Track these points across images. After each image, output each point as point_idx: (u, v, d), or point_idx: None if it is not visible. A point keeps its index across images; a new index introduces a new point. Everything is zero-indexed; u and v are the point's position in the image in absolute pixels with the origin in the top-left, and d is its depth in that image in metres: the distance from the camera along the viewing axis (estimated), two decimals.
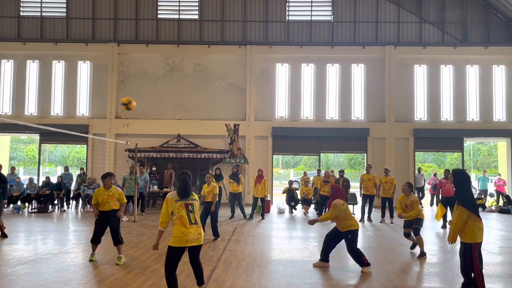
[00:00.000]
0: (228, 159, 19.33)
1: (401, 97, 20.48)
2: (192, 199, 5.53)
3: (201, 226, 5.58)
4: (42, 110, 20.79)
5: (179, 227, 5.33)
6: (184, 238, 5.32)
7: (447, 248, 10.23)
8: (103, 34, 21.10)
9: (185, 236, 5.31)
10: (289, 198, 16.91)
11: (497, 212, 18.04)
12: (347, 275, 7.37)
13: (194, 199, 5.56)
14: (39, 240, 10.23)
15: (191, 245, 5.38)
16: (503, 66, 20.69)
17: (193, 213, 5.42)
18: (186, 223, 5.33)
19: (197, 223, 5.42)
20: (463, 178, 6.18)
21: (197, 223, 5.42)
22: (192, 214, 5.41)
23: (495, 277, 7.34)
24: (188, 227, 5.33)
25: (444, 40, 20.75)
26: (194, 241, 5.37)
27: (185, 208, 5.40)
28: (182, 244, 5.33)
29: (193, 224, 5.37)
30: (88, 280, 6.75)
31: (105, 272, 7.18)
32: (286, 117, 20.64)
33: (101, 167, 19.31)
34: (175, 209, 5.40)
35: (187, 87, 20.74)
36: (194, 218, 5.40)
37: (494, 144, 37.18)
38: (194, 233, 5.35)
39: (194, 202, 5.52)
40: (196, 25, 21.06)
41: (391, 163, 19.60)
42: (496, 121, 20.50)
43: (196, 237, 5.38)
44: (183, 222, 5.33)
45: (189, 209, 5.40)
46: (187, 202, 5.45)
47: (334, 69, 20.91)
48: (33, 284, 6.44)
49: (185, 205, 5.42)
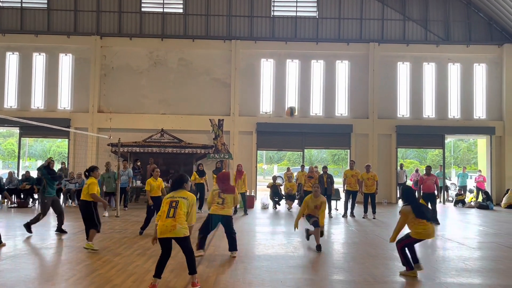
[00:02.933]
0: (212, 155, 19.24)
1: (384, 94, 20.69)
2: (180, 196, 5.95)
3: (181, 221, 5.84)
4: (22, 103, 20.38)
5: (159, 220, 5.87)
6: (158, 230, 5.82)
7: (427, 243, 10.40)
8: (85, 26, 20.75)
9: (159, 228, 5.81)
10: (273, 193, 16.96)
11: (476, 208, 18.41)
12: (331, 270, 7.43)
13: (182, 197, 5.95)
14: (19, 236, 10.05)
15: (166, 237, 5.79)
16: (484, 65, 21.05)
17: (174, 209, 5.82)
18: (163, 216, 5.82)
19: (174, 217, 5.79)
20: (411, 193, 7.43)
21: (174, 217, 5.79)
22: (173, 209, 5.82)
23: (474, 272, 7.49)
24: (163, 221, 5.80)
25: (427, 38, 21.00)
26: (168, 232, 5.76)
27: (169, 204, 5.87)
28: (160, 235, 5.81)
29: (169, 217, 5.78)
30: (70, 276, 6.66)
31: (88, 267, 7.10)
32: (271, 113, 20.66)
33: (83, 161, 19.04)
34: (163, 205, 5.93)
35: (171, 82, 20.57)
36: (173, 212, 5.80)
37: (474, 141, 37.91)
38: (167, 226, 5.76)
39: (181, 199, 5.91)
40: (180, 19, 20.87)
41: (374, 159, 19.81)
42: (476, 119, 20.87)
43: (169, 229, 5.76)
44: (162, 217, 5.84)
45: (172, 205, 5.84)
46: (173, 199, 5.90)
47: (319, 65, 20.98)
48: (14, 281, 6.33)
49: (170, 201, 5.89)
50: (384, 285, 6.50)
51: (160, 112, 20.39)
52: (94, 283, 6.26)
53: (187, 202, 5.93)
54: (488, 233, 11.90)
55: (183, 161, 19.09)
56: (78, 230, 10.75)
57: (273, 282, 6.53)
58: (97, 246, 8.96)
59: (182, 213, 5.85)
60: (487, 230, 12.35)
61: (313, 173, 14.89)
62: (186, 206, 5.91)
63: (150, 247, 8.78)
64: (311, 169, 15.22)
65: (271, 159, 51.14)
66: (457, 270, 7.55)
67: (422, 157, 47.12)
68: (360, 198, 14.91)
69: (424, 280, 6.83)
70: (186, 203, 5.91)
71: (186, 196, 5.98)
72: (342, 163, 43.94)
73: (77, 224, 11.65)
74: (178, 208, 5.82)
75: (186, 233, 5.87)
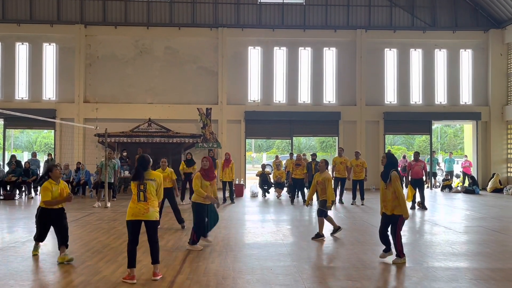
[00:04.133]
0: (200, 144, 19.18)
1: (372, 81, 20.72)
2: (147, 179, 6.08)
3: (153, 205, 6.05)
4: (6, 94, 20.00)
5: (130, 203, 6.07)
6: (130, 212, 6.01)
7: (416, 228, 10.54)
8: (68, 14, 20.34)
9: (131, 210, 6.01)
10: (262, 181, 16.99)
11: (462, 192, 18.66)
12: (320, 257, 7.49)
13: (150, 179, 6.09)
14: (6, 228, 9.95)
15: (138, 219, 5.97)
16: (470, 50, 21.17)
17: (143, 192, 6.00)
18: (135, 200, 6.01)
19: (146, 201, 5.99)
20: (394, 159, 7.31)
21: (146, 201, 5.99)
22: (142, 192, 6.00)
23: (461, 256, 7.60)
24: (136, 203, 5.99)
25: (413, 24, 21.01)
26: (141, 215, 5.96)
27: (137, 187, 6.03)
28: (130, 217, 6.00)
29: (141, 201, 5.98)
30: (58, 268, 6.61)
31: (77, 259, 7.04)
32: (259, 101, 20.59)
33: (70, 153, 18.85)
34: (133, 188, 6.09)
35: (158, 71, 20.34)
36: (143, 196, 5.99)
37: (460, 127, 38.31)
38: (140, 209, 5.97)
39: (148, 182, 6.06)
40: (166, 7, 20.58)
41: (362, 146, 19.91)
42: (462, 104, 21.05)
43: (142, 212, 5.96)
44: (133, 199, 6.04)
45: (140, 188, 6.02)
46: (140, 183, 6.06)
47: (306, 52, 20.91)
48: (1, 274, 6.26)
49: (137, 185, 6.04)
50: (373, 271, 6.57)
51: (147, 101, 20.19)
52: (83, 275, 6.23)
53: (155, 183, 6.12)
54: (474, 217, 12.08)
55: (171, 151, 18.98)
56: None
57: (263, 269, 6.56)
58: (85, 236, 8.90)
59: (153, 197, 6.07)
60: (473, 215, 12.54)
61: (300, 161, 14.92)
62: (155, 187, 6.11)
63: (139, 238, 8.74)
64: (299, 157, 15.25)
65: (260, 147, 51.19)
66: (444, 254, 7.65)
67: (410, 143, 47.57)
68: (348, 185, 15.00)
69: (412, 265, 6.91)
70: (154, 185, 6.11)
71: (154, 178, 6.14)
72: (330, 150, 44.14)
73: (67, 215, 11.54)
74: (147, 192, 6.01)
75: (157, 217, 6.16)
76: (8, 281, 5.98)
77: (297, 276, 6.24)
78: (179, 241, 8.46)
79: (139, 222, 6.00)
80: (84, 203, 14.25)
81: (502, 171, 20.41)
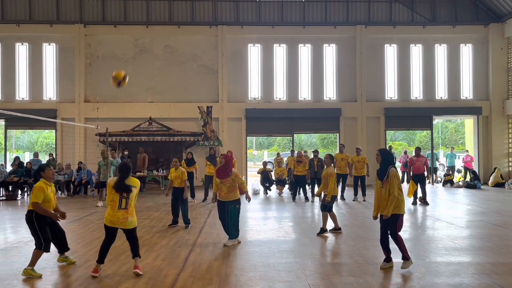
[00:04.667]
0: (201, 142, 19.20)
1: (372, 77, 20.70)
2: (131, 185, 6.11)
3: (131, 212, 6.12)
4: (6, 94, 20.02)
5: (109, 209, 6.08)
6: (109, 218, 6.06)
7: (417, 224, 10.54)
8: (68, 14, 20.33)
9: (110, 217, 6.06)
10: (263, 179, 17.00)
11: (464, 187, 18.66)
12: (322, 253, 7.50)
13: (133, 186, 6.12)
14: (9, 229, 9.98)
15: (118, 227, 6.11)
16: (470, 45, 21.12)
17: (126, 199, 6.04)
18: (115, 207, 6.03)
19: (126, 209, 6.04)
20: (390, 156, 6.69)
21: (126, 209, 6.04)
22: (125, 200, 6.04)
23: (463, 250, 7.61)
24: (115, 211, 6.02)
25: (413, 19, 20.97)
26: (119, 223, 6.06)
27: (120, 194, 6.06)
28: (109, 224, 6.08)
29: (122, 208, 6.03)
30: (61, 268, 6.63)
31: (79, 258, 7.06)
32: (259, 99, 20.58)
33: (71, 152, 18.89)
34: (110, 194, 6.11)
35: (158, 69, 20.34)
36: (125, 204, 6.04)
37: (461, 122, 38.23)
38: (119, 217, 6.03)
39: (132, 189, 6.10)
40: (165, 5, 20.55)
41: (363, 142, 19.90)
42: (463, 99, 21.02)
43: (121, 221, 6.05)
44: (113, 206, 6.05)
45: (122, 195, 6.05)
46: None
47: (306, 49, 20.89)
48: (5, 274, 6.29)
49: (121, 192, 6.07)
50: (375, 267, 6.57)
51: (147, 100, 20.20)
52: (86, 274, 6.24)
53: (136, 190, 6.18)
54: (476, 211, 12.08)
55: (172, 149, 19.01)
56: (70, 221, 10.68)
57: (265, 266, 6.57)
58: (88, 235, 8.92)
59: (133, 204, 6.15)
60: (475, 209, 12.54)
61: (301, 158, 14.93)
62: (135, 194, 6.18)
63: (142, 236, 8.76)
64: (300, 154, 15.26)
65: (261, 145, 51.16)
66: (447, 249, 7.66)
67: (411, 138, 47.49)
68: (350, 181, 15.01)
69: (414, 260, 6.91)
70: (136, 192, 6.18)
71: (135, 185, 6.19)
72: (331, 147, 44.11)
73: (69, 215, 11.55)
74: (129, 199, 6.07)
75: (136, 224, 6.26)
76: (12, 281, 6.01)
77: (299, 273, 6.25)
78: (181, 239, 8.48)
79: (116, 229, 6.17)
80: (86, 203, 14.28)
81: (504, 165, 20.39)
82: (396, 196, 6.27)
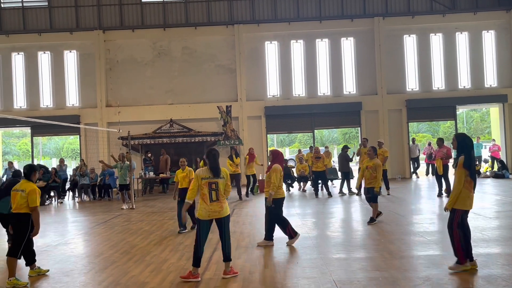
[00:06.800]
0: (222, 141, 19.28)
1: (392, 69, 20.39)
2: (219, 177, 5.99)
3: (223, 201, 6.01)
4: (31, 102, 20.53)
5: (201, 203, 5.95)
6: (203, 212, 5.92)
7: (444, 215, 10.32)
8: (87, 21, 20.71)
9: (205, 211, 5.92)
10: (285, 176, 16.92)
11: (492, 177, 18.21)
12: (347, 248, 7.42)
13: (221, 177, 6.00)
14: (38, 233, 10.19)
15: (212, 218, 5.97)
16: (493, 31, 20.58)
17: (215, 191, 5.93)
18: (207, 200, 5.91)
19: (218, 200, 5.93)
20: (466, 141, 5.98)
21: (218, 200, 5.93)
22: (214, 192, 5.93)
23: (492, 241, 7.42)
24: (209, 205, 5.91)
25: (432, 8, 20.56)
26: (216, 214, 5.94)
27: (208, 186, 5.94)
28: (205, 218, 5.93)
29: (213, 201, 5.92)
30: (89, 269, 6.76)
31: (106, 260, 7.18)
32: (278, 96, 20.53)
33: (95, 157, 19.19)
34: (200, 186, 5.99)
35: (176, 71, 20.51)
36: (216, 195, 5.93)
37: (487, 110, 37.31)
38: (215, 209, 5.92)
39: (219, 180, 5.97)
40: (181, 7, 20.70)
41: (385, 135, 19.62)
42: (487, 87, 20.50)
43: (218, 211, 5.93)
44: (205, 199, 5.93)
45: (212, 187, 5.93)
46: (211, 181, 5.95)
47: (324, 44, 20.71)
48: (34, 277, 6.44)
49: (209, 183, 5.95)
50: (401, 260, 6.47)
51: (167, 102, 20.39)
52: (112, 275, 6.34)
53: (223, 181, 6.03)
54: (505, 202, 11.77)
55: (194, 150, 19.14)
56: (96, 224, 10.89)
57: (289, 263, 6.55)
58: (114, 237, 9.05)
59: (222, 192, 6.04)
60: (504, 199, 12.22)
61: (319, 154, 14.89)
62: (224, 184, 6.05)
63: (166, 237, 8.87)
64: (317, 150, 15.18)
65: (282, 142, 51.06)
66: (475, 240, 7.44)
67: (435, 130, 46.61)
68: None
69: (441, 253, 6.79)
70: (222, 183, 6.02)
71: (223, 176, 6.03)
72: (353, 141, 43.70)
73: (94, 219, 11.81)
74: (218, 190, 5.99)
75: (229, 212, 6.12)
76: (42, 283, 6.15)
77: (324, 269, 6.20)
78: None
79: (211, 221, 6.02)
80: (111, 206, 14.52)
81: None
82: (459, 189, 5.71)
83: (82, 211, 13.86)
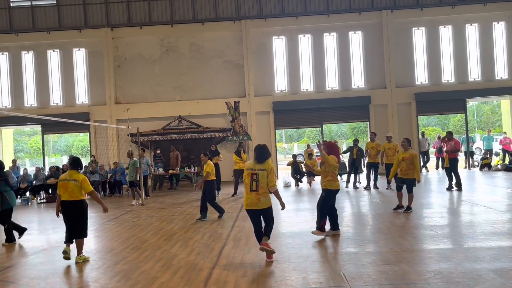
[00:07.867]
0: (231, 137, 19.32)
1: (401, 62, 20.24)
2: (260, 168, 6.31)
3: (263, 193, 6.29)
4: (41, 101, 20.73)
5: (245, 193, 6.45)
6: (245, 202, 6.39)
7: (454, 209, 10.28)
8: (95, 19, 20.82)
9: (245, 200, 6.40)
10: (294, 171, 16.96)
11: (503, 170, 18.05)
12: (356, 242, 7.42)
13: (262, 169, 6.31)
14: (50, 230, 10.34)
15: (252, 209, 6.35)
16: (503, 23, 20.32)
17: (256, 182, 6.26)
18: (247, 189, 6.34)
19: (257, 191, 6.26)
20: None
21: (257, 191, 6.26)
22: (255, 182, 6.26)
23: (504, 235, 7.37)
24: (248, 193, 6.33)
25: (441, 1, 20.34)
26: (254, 205, 6.30)
27: (250, 176, 6.31)
28: (246, 207, 6.41)
29: (253, 191, 6.28)
30: (100, 264, 6.83)
31: (117, 255, 7.26)
32: (286, 91, 20.49)
33: (105, 153, 19.37)
34: (244, 177, 6.42)
35: (184, 68, 20.56)
36: (255, 186, 6.26)
37: (498, 103, 36.93)
38: (252, 199, 6.29)
39: (260, 172, 6.30)
40: (188, 3, 20.72)
41: (394, 129, 19.52)
42: (498, 79, 20.27)
43: (255, 202, 6.28)
44: (246, 189, 6.37)
45: (253, 178, 6.29)
46: (253, 172, 6.31)
47: (332, 38, 20.61)
48: (47, 273, 6.53)
49: (251, 174, 6.32)
50: (411, 254, 6.45)
51: (176, 98, 20.46)
52: (123, 270, 6.41)
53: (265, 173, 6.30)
54: None
55: (203, 146, 19.19)
56: (106, 220, 10.99)
57: (298, 258, 6.56)
58: (124, 233, 9.15)
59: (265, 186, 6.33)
60: None
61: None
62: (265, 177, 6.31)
63: (176, 232, 8.93)
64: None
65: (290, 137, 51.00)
66: (486, 234, 7.43)
67: (444, 123, 46.25)
68: (382, 170, 14.76)
69: (451, 246, 6.76)
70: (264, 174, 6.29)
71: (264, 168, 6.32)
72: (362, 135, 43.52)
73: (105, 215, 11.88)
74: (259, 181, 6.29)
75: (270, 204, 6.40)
76: (55, 279, 6.23)
77: (333, 263, 6.21)
78: (215, 233, 8.58)
79: (255, 211, 6.38)
80: (122, 202, 14.64)
81: None
82: None
83: (92, 207, 13.90)
